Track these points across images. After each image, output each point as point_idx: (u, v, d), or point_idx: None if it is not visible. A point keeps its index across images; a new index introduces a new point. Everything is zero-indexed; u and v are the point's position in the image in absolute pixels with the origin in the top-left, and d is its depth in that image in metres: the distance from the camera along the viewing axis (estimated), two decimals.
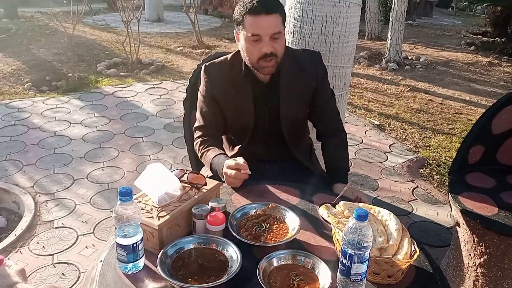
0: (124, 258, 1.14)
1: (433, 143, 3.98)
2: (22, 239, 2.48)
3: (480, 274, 1.87)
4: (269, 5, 1.58)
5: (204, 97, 1.79)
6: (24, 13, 8.80)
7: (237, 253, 1.18)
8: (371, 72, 6.39)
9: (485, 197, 1.92)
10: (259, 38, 1.59)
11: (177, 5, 11.58)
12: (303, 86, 1.79)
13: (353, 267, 1.05)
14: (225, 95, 1.76)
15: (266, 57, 1.61)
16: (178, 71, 5.98)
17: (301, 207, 1.50)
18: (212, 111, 1.79)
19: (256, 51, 1.61)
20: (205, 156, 1.75)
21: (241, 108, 1.77)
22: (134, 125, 4.08)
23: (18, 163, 3.30)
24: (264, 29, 1.58)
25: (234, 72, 1.74)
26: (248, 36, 1.60)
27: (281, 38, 1.63)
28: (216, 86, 1.76)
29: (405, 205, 2.97)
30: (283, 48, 1.66)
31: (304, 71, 1.78)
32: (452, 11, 13.92)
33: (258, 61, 1.63)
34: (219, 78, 1.76)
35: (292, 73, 1.76)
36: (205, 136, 1.80)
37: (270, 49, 1.60)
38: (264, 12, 1.56)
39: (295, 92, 1.78)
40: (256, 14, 1.57)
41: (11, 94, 4.76)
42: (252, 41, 1.60)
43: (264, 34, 1.58)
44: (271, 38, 1.60)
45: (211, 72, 1.77)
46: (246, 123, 1.79)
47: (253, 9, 1.57)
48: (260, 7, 1.56)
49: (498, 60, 7.22)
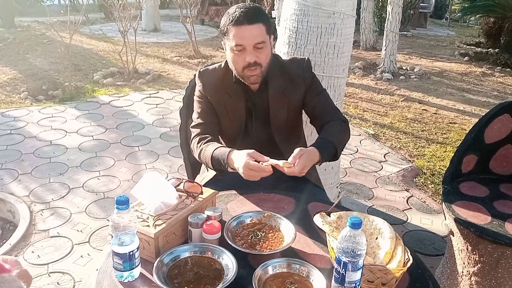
0: (120, 267, 1.15)
1: (427, 153, 4.01)
2: (17, 248, 2.48)
3: (474, 283, 1.88)
4: (251, 15, 1.61)
5: (199, 98, 1.83)
6: (21, 23, 8.82)
7: (233, 262, 1.19)
8: (366, 82, 6.44)
9: (478, 206, 1.94)
10: (243, 48, 1.62)
11: (174, 15, 11.66)
12: (291, 96, 1.81)
13: (347, 275, 1.07)
14: (218, 99, 1.80)
15: (250, 66, 1.64)
16: (175, 80, 6.00)
17: (296, 216, 1.51)
18: (208, 109, 1.82)
19: (241, 61, 1.65)
20: (204, 151, 1.72)
21: (232, 114, 1.80)
22: (130, 134, 4.09)
23: (14, 172, 3.30)
24: (247, 39, 1.60)
25: (227, 79, 1.78)
26: (232, 47, 1.63)
27: (265, 47, 1.65)
28: (210, 90, 1.79)
29: (399, 214, 2.99)
30: (267, 57, 1.68)
31: (293, 81, 1.80)
32: (446, 22, 14.08)
33: (243, 70, 1.66)
34: (212, 83, 1.79)
35: (280, 85, 1.78)
36: (203, 134, 1.80)
37: (253, 58, 1.63)
38: (246, 22, 1.59)
39: (284, 100, 1.80)
40: (239, 24, 1.60)
41: (7, 103, 4.76)
42: (236, 51, 1.64)
43: (247, 44, 1.61)
44: (255, 48, 1.62)
45: (205, 78, 1.80)
46: (236, 129, 1.82)
47: (235, 20, 1.60)
48: (242, 17, 1.59)
49: (491, 71, 7.30)
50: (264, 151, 1.85)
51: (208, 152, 1.69)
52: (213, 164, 1.69)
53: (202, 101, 1.82)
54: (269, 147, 1.84)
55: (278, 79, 1.78)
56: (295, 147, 1.93)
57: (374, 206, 3.08)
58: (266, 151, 1.85)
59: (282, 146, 1.84)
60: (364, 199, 3.16)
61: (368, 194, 3.24)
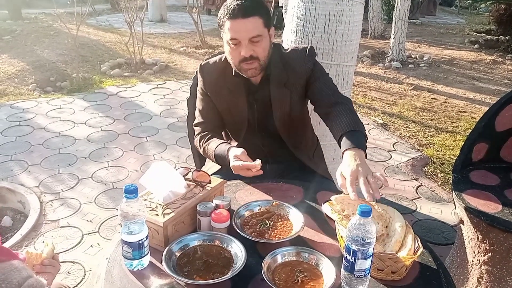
0: (129, 255, 1.15)
1: (437, 142, 3.97)
2: (28, 238, 2.50)
3: (485, 272, 1.87)
4: (246, 8, 1.55)
5: (201, 95, 1.82)
6: (28, 15, 8.84)
7: (242, 250, 1.19)
8: (375, 71, 6.39)
9: (489, 195, 1.92)
10: (238, 42, 1.59)
11: (180, 6, 11.61)
12: (294, 87, 1.76)
13: (357, 263, 1.06)
14: (218, 93, 1.78)
15: (246, 60, 1.61)
16: (182, 71, 5.99)
17: (305, 205, 1.50)
18: (209, 107, 1.81)
19: (236, 55, 1.62)
20: (207, 150, 1.75)
21: (234, 107, 1.78)
22: (138, 125, 4.10)
23: (23, 163, 3.32)
24: (241, 33, 1.56)
25: (227, 72, 1.75)
26: (227, 41, 1.60)
27: (262, 40, 1.61)
28: (210, 85, 1.78)
29: (409, 203, 2.97)
30: (265, 50, 1.63)
31: (294, 71, 1.75)
32: (455, 9, 13.88)
33: (240, 64, 1.64)
34: (212, 77, 1.77)
35: (282, 77, 1.74)
36: (205, 131, 1.81)
37: (249, 52, 1.59)
38: (241, 15, 1.54)
39: (286, 92, 1.76)
40: (233, 17, 1.55)
41: (15, 95, 4.79)
42: (232, 45, 1.60)
43: (241, 38, 1.57)
44: (250, 42, 1.58)
45: (205, 72, 1.79)
46: (239, 124, 1.81)
47: (230, 13, 1.56)
48: (237, 11, 1.55)
49: (502, 58, 7.20)
50: (266, 143, 1.83)
51: (210, 151, 1.71)
52: (218, 162, 1.72)
53: (203, 98, 1.82)
54: (274, 140, 1.83)
55: (280, 71, 1.74)
56: (302, 139, 1.91)
57: (383, 195, 3.06)
58: (270, 143, 1.83)
59: (287, 138, 1.82)
60: None
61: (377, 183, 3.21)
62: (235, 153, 1.56)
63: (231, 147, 1.63)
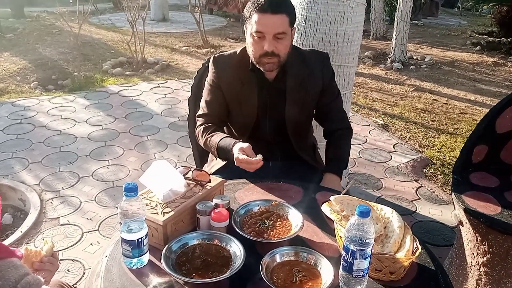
0: (129, 253, 1.16)
1: (437, 143, 3.97)
2: (28, 235, 2.51)
3: (483, 273, 1.87)
4: (276, 4, 1.59)
5: (210, 86, 1.82)
6: (30, 13, 8.86)
7: (241, 249, 1.20)
8: (376, 71, 6.38)
9: (488, 197, 1.92)
10: (262, 36, 1.61)
11: (182, 5, 11.62)
12: (309, 88, 1.79)
13: (355, 263, 1.06)
14: (231, 86, 1.78)
15: (268, 55, 1.63)
16: (183, 70, 6.00)
17: (304, 205, 1.51)
18: (217, 100, 1.81)
19: (259, 48, 1.64)
20: (209, 141, 1.75)
21: (245, 102, 1.79)
22: (139, 124, 4.10)
23: (24, 161, 3.33)
24: (268, 27, 1.59)
25: (242, 66, 1.76)
26: (252, 32, 1.63)
27: (285, 38, 1.64)
28: (223, 77, 1.78)
29: (408, 205, 2.98)
30: (286, 48, 1.67)
31: (311, 73, 1.79)
32: (457, 11, 13.86)
33: (260, 57, 1.66)
34: (226, 70, 1.78)
35: (299, 74, 1.77)
36: (209, 123, 1.80)
37: (271, 48, 1.62)
38: (270, 11, 1.58)
39: (301, 94, 1.78)
40: (262, 12, 1.59)
41: (17, 92, 4.80)
42: (256, 38, 1.63)
43: (267, 32, 1.60)
44: (274, 38, 1.61)
45: (219, 63, 1.79)
46: (248, 118, 1.81)
47: (260, 6, 1.59)
48: (267, 5, 1.58)
49: (503, 60, 7.19)
50: (273, 142, 1.85)
51: (213, 142, 1.71)
52: (219, 155, 1.71)
53: (213, 89, 1.81)
54: (280, 138, 1.84)
55: (297, 69, 1.77)
56: (305, 139, 1.93)
57: (382, 196, 3.07)
58: (276, 142, 1.85)
59: (293, 136, 1.84)
60: (373, 189, 3.15)
61: (377, 185, 3.22)
62: (241, 145, 1.57)
63: (236, 141, 1.64)
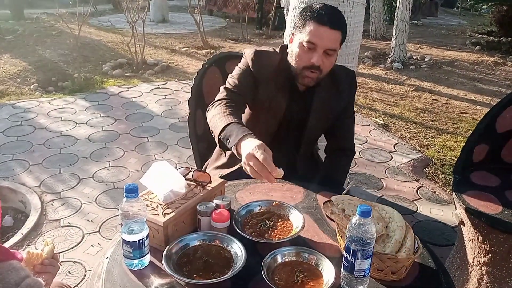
0: (130, 255, 1.16)
1: (437, 143, 3.97)
2: (29, 237, 2.51)
3: (485, 273, 1.87)
4: (335, 20, 1.56)
5: (244, 71, 1.70)
6: (30, 15, 8.86)
7: (242, 250, 1.19)
8: (376, 72, 6.39)
9: (489, 196, 1.92)
10: (314, 48, 1.56)
11: (182, 6, 11.63)
12: (334, 105, 1.76)
13: (356, 263, 1.06)
14: (267, 87, 1.70)
15: (312, 68, 1.58)
16: (183, 71, 6.00)
17: (305, 205, 1.51)
18: (248, 84, 1.68)
19: (305, 59, 1.58)
20: (221, 116, 1.52)
21: (274, 109, 1.71)
22: (139, 125, 4.10)
23: (25, 162, 3.33)
24: (323, 40, 1.54)
25: (281, 70, 1.69)
26: (303, 41, 1.56)
27: (334, 55, 1.60)
28: (263, 74, 1.69)
29: (409, 204, 2.97)
30: (331, 65, 1.63)
31: (339, 91, 1.75)
32: (457, 10, 13.87)
33: (303, 69, 1.60)
34: (267, 68, 1.69)
35: (327, 91, 1.73)
36: (231, 101, 1.63)
37: (319, 62, 1.56)
38: (329, 25, 1.53)
39: (326, 111, 1.75)
40: (320, 23, 1.54)
41: (17, 94, 4.80)
42: (306, 48, 1.57)
43: (320, 45, 1.55)
44: (324, 52, 1.56)
45: (262, 59, 1.70)
46: (271, 127, 1.75)
47: (319, 17, 1.54)
48: (326, 18, 1.54)
49: (503, 60, 7.20)
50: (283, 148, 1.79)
51: (223, 121, 1.49)
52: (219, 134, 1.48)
53: (247, 75, 1.69)
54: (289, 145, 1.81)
55: (327, 85, 1.72)
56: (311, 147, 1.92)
57: (383, 196, 3.06)
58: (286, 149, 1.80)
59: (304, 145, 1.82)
60: (374, 190, 3.15)
61: (377, 185, 3.22)
62: (265, 147, 1.32)
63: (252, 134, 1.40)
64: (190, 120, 2.09)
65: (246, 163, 1.30)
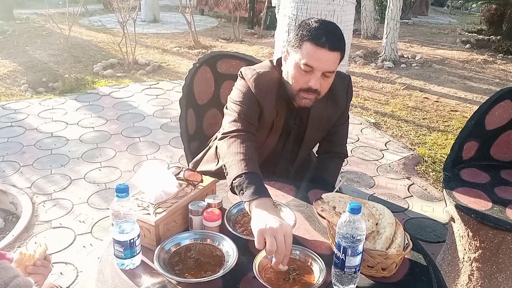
0: (121, 254, 1.15)
1: (428, 141, 4.00)
2: (20, 239, 2.49)
3: (475, 269, 1.89)
4: (334, 41, 1.44)
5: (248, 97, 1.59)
6: (19, 15, 8.79)
7: (233, 248, 1.20)
8: (367, 70, 6.42)
9: (479, 192, 1.94)
10: (311, 71, 1.45)
11: (173, 6, 11.60)
12: (331, 114, 1.71)
13: (347, 260, 1.07)
14: (269, 113, 1.62)
15: (309, 91, 1.49)
16: (175, 71, 5.98)
17: (297, 203, 1.51)
18: (254, 108, 1.59)
19: (302, 82, 1.48)
20: (237, 159, 1.43)
21: (274, 129, 1.67)
22: (131, 125, 4.09)
23: (15, 164, 3.31)
24: (321, 64, 1.44)
25: (279, 92, 1.61)
26: (299, 63, 1.46)
27: (331, 77, 1.51)
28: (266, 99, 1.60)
29: (401, 202, 2.99)
30: (329, 86, 1.55)
31: (335, 99, 1.69)
32: (447, 9, 13.98)
33: (299, 91, 1.51)
34: (269, 95, 1.60)
35: (324, 101, 1.65)
36: (246, 133, 1.53)
37: (317, 85, 1.47)
38: (328, 47, 1.42)
39: (323, 121, 1.70)
40: (319, 45, 1.42)
41: (7, 95, 4.76)
42: (302, 71, 1.46)
43: (318, 68, 1.45)
44: (323, 75, 1.47)
45: (263, 85, 1.59)
46: (270, 144, 1.71)
47: (317, 38, 1.43)
48: (325, 39, 1.42)
49: (493, 58, 7.27)
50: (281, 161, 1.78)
51: (240, 165, 1.40)
52: (232, 179, 1.39)
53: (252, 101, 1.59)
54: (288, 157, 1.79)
55: (324, 101, 1.64)
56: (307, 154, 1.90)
57: (375, 194, 3.08)
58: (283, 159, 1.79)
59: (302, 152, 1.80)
60: (365, 188, 3.16)
61: (369, 183, 3.24)
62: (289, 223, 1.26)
63: (271, 200, 1.33)
64: (181, 120, 2.09)
65: (261, 234, 1.17)
